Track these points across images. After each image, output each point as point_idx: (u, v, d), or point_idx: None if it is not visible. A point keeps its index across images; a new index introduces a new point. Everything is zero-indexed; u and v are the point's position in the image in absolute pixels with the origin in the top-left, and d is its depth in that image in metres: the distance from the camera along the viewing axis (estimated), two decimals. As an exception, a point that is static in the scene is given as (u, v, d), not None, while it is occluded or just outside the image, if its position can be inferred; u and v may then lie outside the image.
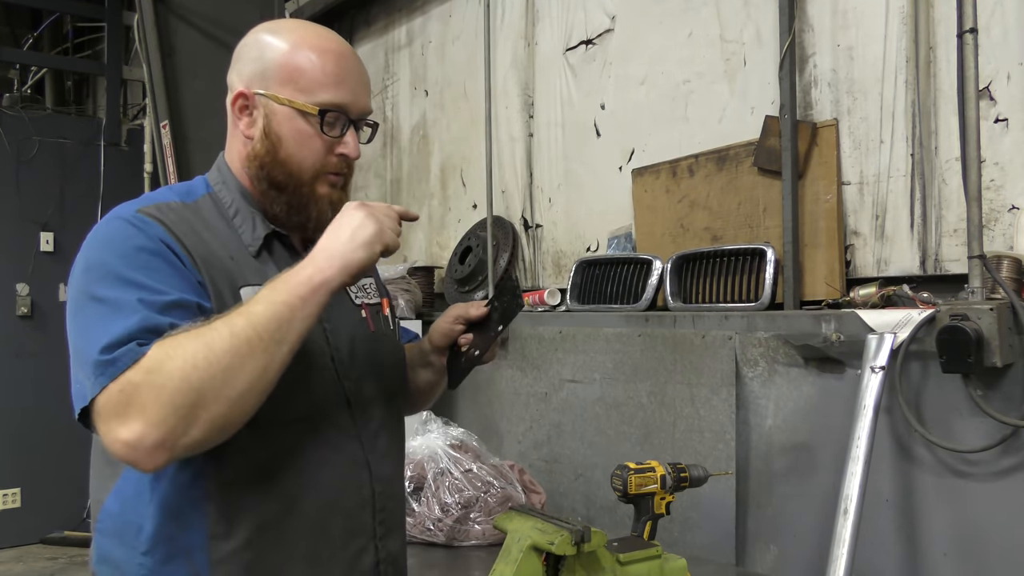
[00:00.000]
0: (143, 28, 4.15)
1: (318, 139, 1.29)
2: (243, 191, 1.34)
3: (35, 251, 5.36)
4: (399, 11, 4.16)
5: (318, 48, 1.30)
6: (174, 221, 1.24)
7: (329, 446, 1.31)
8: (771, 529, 2.26)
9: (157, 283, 1.14)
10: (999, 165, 2.00)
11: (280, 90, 1.29)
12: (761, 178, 2.43)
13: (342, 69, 1.31)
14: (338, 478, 1.31)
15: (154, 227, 1.20)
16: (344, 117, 1.31)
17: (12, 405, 5.22)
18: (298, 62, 1.29)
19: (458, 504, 2.48)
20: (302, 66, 1.29)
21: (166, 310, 1.12)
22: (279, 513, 1.26)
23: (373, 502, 1.36)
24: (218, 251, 1.25)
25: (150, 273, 1.15)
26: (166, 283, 1.15)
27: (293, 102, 1.28)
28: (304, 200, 1.31)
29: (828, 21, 2.33)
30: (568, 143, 3.19)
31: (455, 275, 3.49)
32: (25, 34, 6.32)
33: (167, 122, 4.14)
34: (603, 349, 2.72)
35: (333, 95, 1.29)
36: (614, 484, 1.80)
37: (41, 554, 5.14)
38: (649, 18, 2.86)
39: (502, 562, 1.45)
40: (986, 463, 1.86)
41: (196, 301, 1.16)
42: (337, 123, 1.31)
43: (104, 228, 1.24)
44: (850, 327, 2.06)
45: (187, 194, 1.34)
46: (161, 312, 1.11)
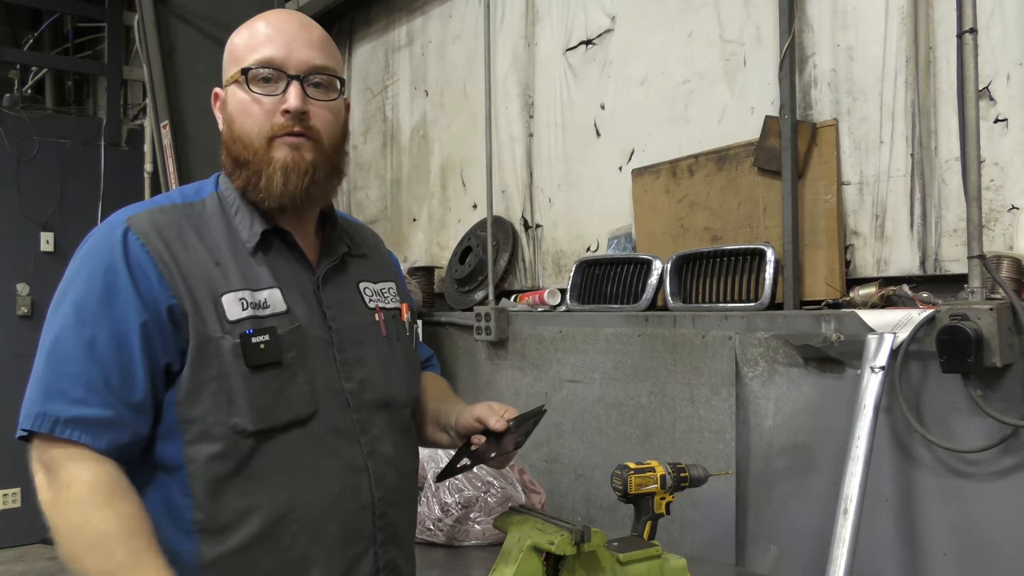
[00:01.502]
0: (143, 28, 4.15)
1: (256, 103, 1.30)
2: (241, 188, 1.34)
3: (35, 251, 5.36)
4: (399, 11, 4.16)
5: (252, 21, 1.35)
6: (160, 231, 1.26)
7: (326, 449, 1.30)
8: (771, 529, 2.26)
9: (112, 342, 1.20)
10: (999, 165, 2.00)
11: (226, 73, 1.34)
12: (761, 178, 2.43)
13: (271, 29, 1.32)
14: (335, 482, 1.30)
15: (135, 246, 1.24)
16: (279, 73, 1.30)
17: (12, 405, 5.12)
18: (235, 40, 1.35)
19: (458, 504, 2.48)
20: (236, 41, 1.34)
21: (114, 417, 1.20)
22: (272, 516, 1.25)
23: (373, 507, 1.34)
24: (202, 258, 1.27)
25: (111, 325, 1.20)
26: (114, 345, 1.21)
27: (232, 76, 1.32)
28: (259, 168, 1.30)
29: (828, 21, 2.34)
30: (568, 143, 3.19)
31: (455, 275, 3.50)
32: (25, 34, 6.32)
33: (167, 122, 4.15)
34: (603, 349, 2.72)
35: (260, 53, 1.30)
36: (614, 484, 1.80)
37: (41, 554, 5.13)
38: (649, 18, 2.86)
39: (502, 562, 1.45)
40: (986, 463, 1.86)
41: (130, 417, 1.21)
42: (275, 82, 1.30)
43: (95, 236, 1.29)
44: (850, 327, 2.06)
45: (195, 193, 1.37)
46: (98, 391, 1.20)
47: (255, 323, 1.25)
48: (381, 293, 1.46)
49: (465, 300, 3.44)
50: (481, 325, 3.14)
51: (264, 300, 1.28)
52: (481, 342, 3.21)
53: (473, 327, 3.19)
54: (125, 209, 1.32)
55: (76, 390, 1.19)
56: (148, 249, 1.23)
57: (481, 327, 3.14)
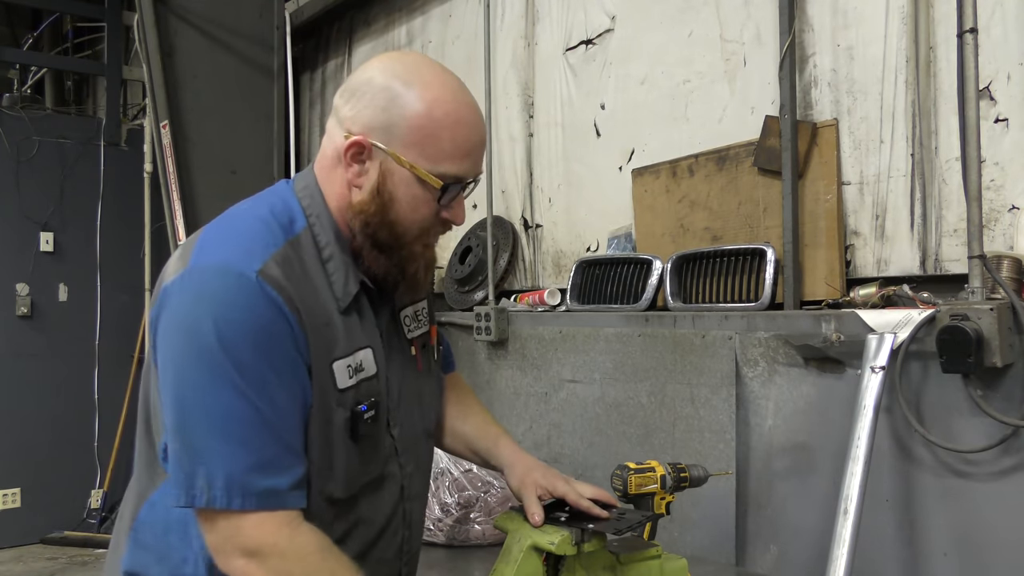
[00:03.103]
0: (143, 28, 4.15)
1: (430, 206, 1.23)
2: (337, 232, 1.25)
3: (35, 251, 5.36)
4: (399, 11, 4.15)
5: (453, 117, 1.21)
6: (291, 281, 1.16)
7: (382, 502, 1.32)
8: (771, 529, 2.26)
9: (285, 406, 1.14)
10: (999, 165, 2.00)
11: (404, 151, 1.20)
12: (761, 178, 2.43)
13: (471, 142, 1.24)
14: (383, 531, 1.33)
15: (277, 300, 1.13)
16: (459, 187, 1.26)
17: (12, 405, 5.22)
18: (430, 130, 1.20)
19: (458, 504, 2.48)
20: (433, 135, 1.20)
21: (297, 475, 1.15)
22: None
23: (401, 547, 1.38)
24: (319, 316, 1.19)
25: (282, 387, 1.14)
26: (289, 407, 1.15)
27: (415, 168, 1.20)
28: (403, 260, 1.26)
29: (828, 21, 2.33)
30: (568, 143, 3.19)
31: (455, 275, 3.49)
32: (25, 34, 6.32)
33: (167, 122, 4.14)
34: (603, 349, 2.72)
35: (458, 168, 1.23)
36: (614, 484, 1.79)
37: (41, 554, 5.13)
38: (649, 18, 2.86)
39: (502, 562, 1.45)
40: (986, 463, 1.86)
41: None
42: (452, 194, 1.25)
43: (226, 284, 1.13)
44: (850, 327, 2.06)
45: (289, 224, 1.23)
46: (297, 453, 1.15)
47: (357, 393, 1.23)
48: (416, 317, 1.42)
49: (465, 300, 3.44)
50: (481, 325, 3.14)
51: (361, 363, 1.25)
52: (481, 342, 3.21)
53: (473, 327, 3.19)
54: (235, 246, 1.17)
55: (285, 458, 1.14)
56: (290, 309, 1.14)
57: (481, 327, 3.14)
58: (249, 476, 1.10)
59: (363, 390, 1.24)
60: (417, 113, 1.19)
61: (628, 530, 1.48)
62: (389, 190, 1.21)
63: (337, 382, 1.20)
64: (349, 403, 1.22)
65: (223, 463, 1.10)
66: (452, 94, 1.23)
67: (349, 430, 1.21)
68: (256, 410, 1.11)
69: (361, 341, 1.25)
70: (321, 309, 1.20)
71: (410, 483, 1.38)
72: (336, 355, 1.20)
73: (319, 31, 4.74)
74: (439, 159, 1.21)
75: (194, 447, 1.11)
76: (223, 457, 1.10)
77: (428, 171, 1.20)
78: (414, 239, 1.25)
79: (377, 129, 1.20)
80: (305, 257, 1.21)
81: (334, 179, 1.26)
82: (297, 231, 1.23)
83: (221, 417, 1.10)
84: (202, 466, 1.10)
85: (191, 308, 1.13)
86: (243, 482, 1.10)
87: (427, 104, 1.19)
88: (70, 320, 5.43)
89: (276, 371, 1.13)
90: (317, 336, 1.18)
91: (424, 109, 1.19)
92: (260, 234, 1.20)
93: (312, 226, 1.25)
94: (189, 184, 4.14)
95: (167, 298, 1.16)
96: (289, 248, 1.20)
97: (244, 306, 1.12)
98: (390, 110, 1.19)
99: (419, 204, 1.23)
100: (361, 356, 1.25)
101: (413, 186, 1.21)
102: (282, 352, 1.14)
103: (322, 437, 1.19)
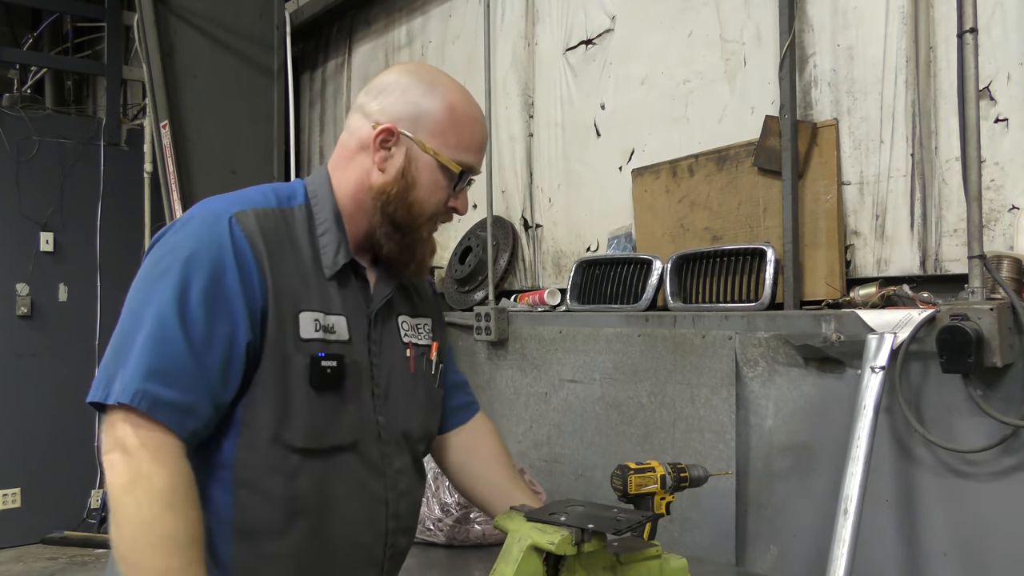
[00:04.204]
0: (143, 28, 4.15)
1: (445, 192, 1.40)
2: (336, 213, 1.38)
3: (35, 251, 5.36)
4: (399, 11, 4.15)
5: (471, 115, 1.41)
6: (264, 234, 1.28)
7: (357, 481, 1.36)
8: (771, 529, 2.26)
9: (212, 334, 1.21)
10: (999, 165, 2.00)
11: (429, 140, 1.36)
12: (761, 178, 2.43)
13: (481, 139, 1.44)
14: (361, 511, 1.37)
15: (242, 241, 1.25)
16: (468, 178, 1.43)
17: (12, 405, 5.22)
18: (452, 124, 1.38)
19: (458, 504, 2.48)
20: (455, 128, 1.38)
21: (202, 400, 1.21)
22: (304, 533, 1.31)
23: (385, 537, 1.41)
24: (292, 271, 1.30)
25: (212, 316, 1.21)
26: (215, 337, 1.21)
27: (439, 155, 1.37)
28: (414, 242, 1.40)
29: (828, 21, 2.33)
30: (568, 143, 3.19)
31: (455, 275, 3.49)
32: (25, 34, 6.32)
33: (167, 122, 4.15)
34: (603, 349, 2.72)
35: (472, 159, 1.41)
36: (614, 484, 1.80)
37: (41, 554, 5.13)
38: (649, 18, 2.86)
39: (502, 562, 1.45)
40: (986, 463, 1.86)
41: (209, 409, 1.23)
42: (464, 182, 1.42)
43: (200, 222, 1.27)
44: (850, 327, 2.06)
45: (287, 198, 1.38)
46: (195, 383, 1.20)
47: (323, 346, 1.30)
48: (416, 328, 1.51)
49: (465, 300, 3.44)
50: (481, 325, 3.14)
51: (332, 325, 1.33)
52: (481, 342, 3.21)
53: (473, 327, 3.19)
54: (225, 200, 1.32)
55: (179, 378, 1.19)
56: (253, 250, 1.26)
57: (481, 327, 3.14)
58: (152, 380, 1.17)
59: (331, 347, 1.31)
60: (442, 108, 1.37)
61: (628, 530, 1.48)
62: (413, 174, 1.36)
63: (301, 330, 1.29)
64: (310, 351, 1.29)
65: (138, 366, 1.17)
66: (468, 97, 1.44)
67: (308, 376, 1.27)
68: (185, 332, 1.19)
69: (337, 308, 1.35)
70: (297, 266, 1.31)
71: (396, 478, 1.42)
72: (303, 307, 1.30)
73: (319, 31, 4.73)
74: (458, 150, 1.38)
75: (123, 351, 1.20)
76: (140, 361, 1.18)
77: (450, 158, 1.37)
78: (424, 223, 1.40)
79: (405, 120, 1.36)
80: (295, 226, 1.34)
81: (352, 167, 1.39)
82: (293, 205, 1.37)
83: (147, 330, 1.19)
84: (123, 369, 1.18)
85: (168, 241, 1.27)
86: (145, 386, 1.16)
87: (450, 102, 1.38)
88: (70, 320, 5.43)
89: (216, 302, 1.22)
90: (283, 285, 1.28)
91: (448, 105, 1.38)
92: (252, 196, 1.34)
93: (312, 205, 1.38)
94: (189, 184, 4.14)
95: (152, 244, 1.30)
96: (278, 213, 1.33)
97: (209, 239, 1.24)
98: (419, 104, 1.37)
99: (437, 189, 1.38)
100: (333, 320, 1.33)
101: (435, 172, 1.37)
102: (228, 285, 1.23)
103: (277, 378, 1.26)
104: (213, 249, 1.24)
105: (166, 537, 1.14)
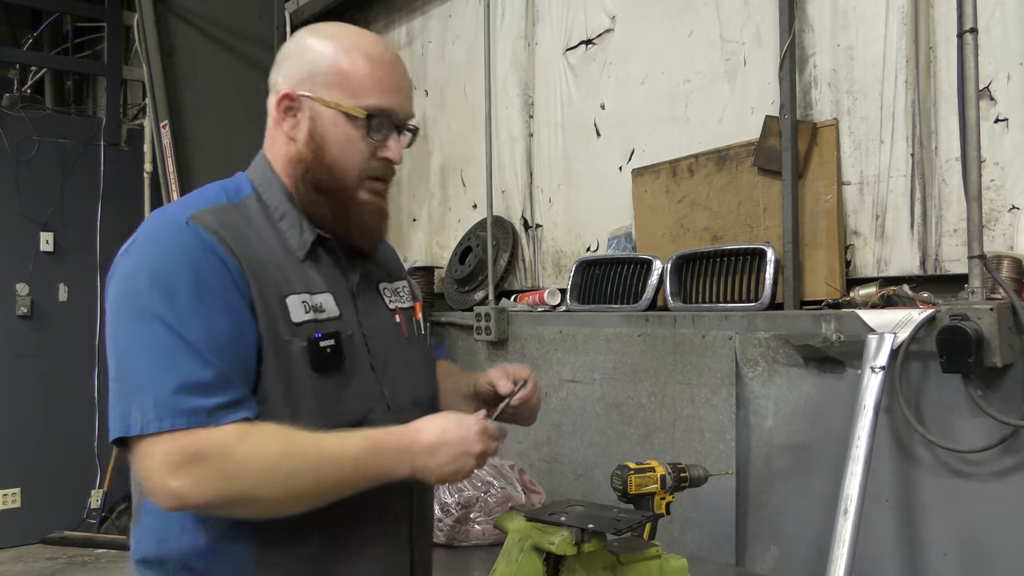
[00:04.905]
0: (143, 28, 4.15)
1: (362, 143, 1.30)
2: (287, 194, 1.33)
3: (35, 251, 5.36)
4: (399, 11, 4.16)
5: (367, 53, 1.30)
6: (227, 228, 1.23)
7: None
8: (771, 529, 2.26)
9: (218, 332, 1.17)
10: (999, 165, 2.00)
11: (327, 93, 1.28)
12: (761, 178, 2.43)
13: (390, 74, 1.32)
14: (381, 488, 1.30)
15: (208, 238, 1.20)
16: (389, 122, 1.31)
17: (12, 405, 5.22)
18: (347, 66, 1.29)
19: (458, 504, 2.48)
20: (351, 70, 1.29)
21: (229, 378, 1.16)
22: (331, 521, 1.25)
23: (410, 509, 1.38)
24: (265, 259, 1.25)
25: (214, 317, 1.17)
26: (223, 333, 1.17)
27: (340, 105, 1.28)
28: (346, 205, 1.31)
29: (828, 21, 2.33)
30: (568, 143, 3.19)
31: (455, 275, 3.49)
32: (25, 34, 6.32)
33: (167, 122, 4.15)
34: (603, 349, 2.72)
35: (380, 100, 1.29)
36: (614, 484, 1.80)
37: (41, 554, 5.13)
38: (649, 18, 2.86)
39: (502, 562, 1.45)
40: (986, 463, 1.86)
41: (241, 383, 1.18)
42: (382, 128, 1.31)
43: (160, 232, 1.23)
44: (850, 327, 2.06)
45: (235, 193, 1.33)
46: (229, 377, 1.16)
47: (316, 327, 1.26)
48: (397, 292, 1.47)
49: (465, 300, 3.44)
50: (481, 325, 3.14)
51: (320, 304, 1.29)
52: (481, 342, 3.21)
53: (473, 327, 3.19)
54: (176, 205, 1.28)
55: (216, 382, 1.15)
56: (223, 245, 1.20)
57: (481, 327, 3.14)
58: (176, 397, 1.12)
59: (324, 327, 1.27)
60: (333, 55, 1.29)
61: (628, 530, 1.48)
62: (320, 133, 1.29)
63: (292, 315, 1.24)
64: (306, 334, 1.25)
65: (153, 390, 1.12)
66: (369, 40, 1.33)
67: (309, 360, 1.24)
68: (181, 339, 1.14)
69: (320, 287, 1.30)
70: (268, 254, 1.26)
71: None
72: (288, 292, 1.25)
73: (319, 31, 4.73)
74: (361, 93, 1.28)
75: (127, 384, 1.15)
76: (153, 384, 1.13)
77: (352, 106, 1.28)
78: (356, 182, 1.31)
79: (301, 81, 1.29)
80: (252, 216, 1.29)
81: (277, 143, 1.34)
82: (242, 197, 1.32)
83: (148, 351, 1.14)
84: (135, 399, 1.13)
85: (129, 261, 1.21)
86: (172, 403, 1.12)
87: (342, 48, 1.30)
88: (70, 320, 5.43)
89: (208, 304, 1.17)
90: (262, 275, 1.23)
91: (339, 51, 1.29)
92: (202, 196, 1.30)
93: (261, 193, 1.33)
94: (189, 184, 4.14)
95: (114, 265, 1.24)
96: (230, 208, 1.28)
97: (175, 246, 1.19)
98: (314, 61, 1.29)
99: (350, 142, 1.29)
100: (320, 299, 1.29)
101: (341, 124, 1.28)
102: (215, 285, 1.18)
103: (279, 368, 1.22)
104: (181, 251, 1.18)
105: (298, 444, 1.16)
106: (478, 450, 1.26)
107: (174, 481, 1.11)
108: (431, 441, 1.23)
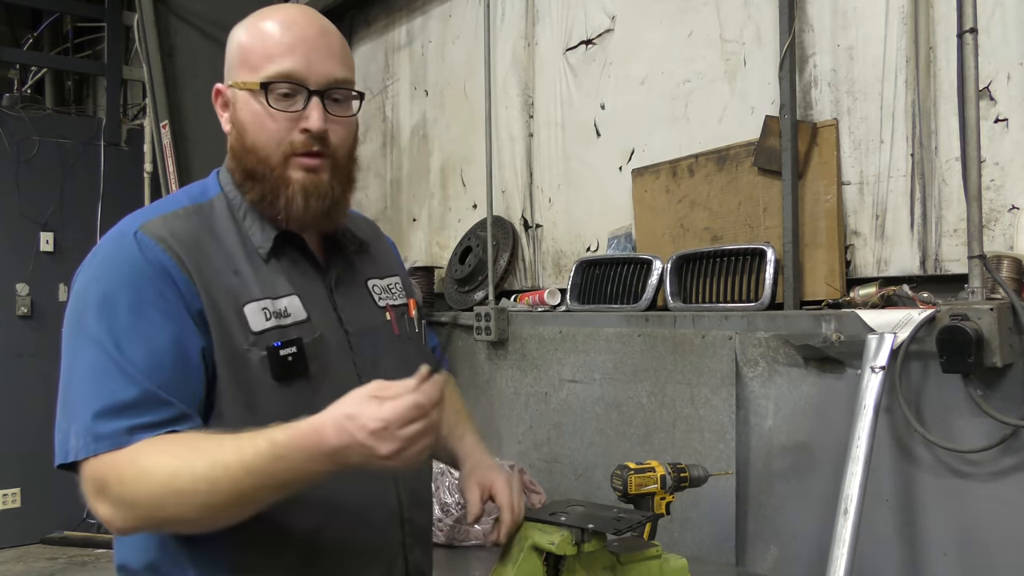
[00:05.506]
0: (143, 28, 4.16)
1: (272, 116, 1.23)
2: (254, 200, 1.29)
3: (35, 251, 5.37)
4: (399, 11, 4.16)
5: (266, 21, 1.25)
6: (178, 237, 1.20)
7: None
8: (771, 529, 2.26)
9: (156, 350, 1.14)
10: (999, 165, 2.00)
11: (236, 75, 1.26)
12: (761, 178, 2.43)
13: (291, 37, 1.23)
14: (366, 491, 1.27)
15: (154, 251, 1.17)
16: (301, 88, 1.23)
17: (12, 405, 5.22)
18: (246, 41, 1.26)
19: (458, 504, 2.48)
20: (250, 44, 1.25)
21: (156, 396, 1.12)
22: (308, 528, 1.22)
23: (401, 513, 1.33)
24: (222, 267, 1.22)
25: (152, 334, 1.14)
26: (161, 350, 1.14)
27: (245, 83, 1.24)
28: (276, 186, 1.25)
29: (828, 21, 2.33)
30: (568, 143, 3.19)
31: (455, 275, 3.49)
32: (25, 34, 6.32)
33: (167, 122, 4.15)
34: (603, 349, 2.72)
35: (279, 66, 1.22)
36: (614, 484, 1.80)
37: (41, 554, 5.14)
38: (649, 18, 2.86)
39: (502, 562, 1.45)
40: (986, 463, 1.86)
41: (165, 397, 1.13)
42: (294, 96, 1.23)
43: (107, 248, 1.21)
44: (850, 327, 2.06)
45: (201, 194, 1.31)
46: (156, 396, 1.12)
47: (279, 334, 1.21)
48: (388, 290, 1.43)
49: (465, 300, 3.44)
50: (481, 325, 3.14)
51: (284, 308, 1.24)
52: (481, 342, 3.21)
53: (473, 327, 3.19)
54: (133, 216, 1.26)
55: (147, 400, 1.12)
56: (169, 255, 1.17)
57: (481, 327, 3.14)
58: (96, 422, 1.10)
59: (288, 332, 1.23)
60: (239, 36, 1.28)
61: (628, 530, 1.48)
62: (239, 118, 1.26)
63: (251, 324, 1.20)
64: (266, 343, 1.20)
65: (82, 415, 1.11)
66: (277, 10, 1.28)
67: (270, 369, 1.19)
68: (111, 359, 1.11)
69: (285, 289, 1.25)
70: (226, 259, 1.23)
71: None
72: (246, 299, 1.21)
73: (319, 31, 4.73)
74: (259, 66, 1.23)
75: (66, 409, 1.14)
76: (83, 409, 1.11)
77: (249, 79, 1.24)
78: (281, 161, 1.24)
79: (228, 73, 1.29)
80: (214, 216, 1.27)
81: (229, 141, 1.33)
82: (208, 197, 1.30)
83: (83, 375, 1.13)
84: (72, 424, 1.12)
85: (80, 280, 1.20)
86: (92, 428, 1.10)
87: (247, 26, 1.28)
88: (70, 320, 5.43)
89: (148, 319, 1.14)
90: (215, 284, 1.19)
91: (243, 30, 1.28)
92: (160, 204, 1.29)
93: (227, 193, 1.30)
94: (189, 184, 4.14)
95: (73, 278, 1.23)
96: (191, 210, 1.26)
97: (119, 263, 1.17)
98: (230, 51, 1.29)
99: (261, 118, 1.24)
100: (284, 303, 1.24)
101: (248, 102, 1.25)
102: (156, 300, 1.15)
103: (237, 380, 1.18)
104: (124, 269, 1.16)
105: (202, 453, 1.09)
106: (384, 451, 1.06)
107: (100, 508, 1.11)
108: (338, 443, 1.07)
